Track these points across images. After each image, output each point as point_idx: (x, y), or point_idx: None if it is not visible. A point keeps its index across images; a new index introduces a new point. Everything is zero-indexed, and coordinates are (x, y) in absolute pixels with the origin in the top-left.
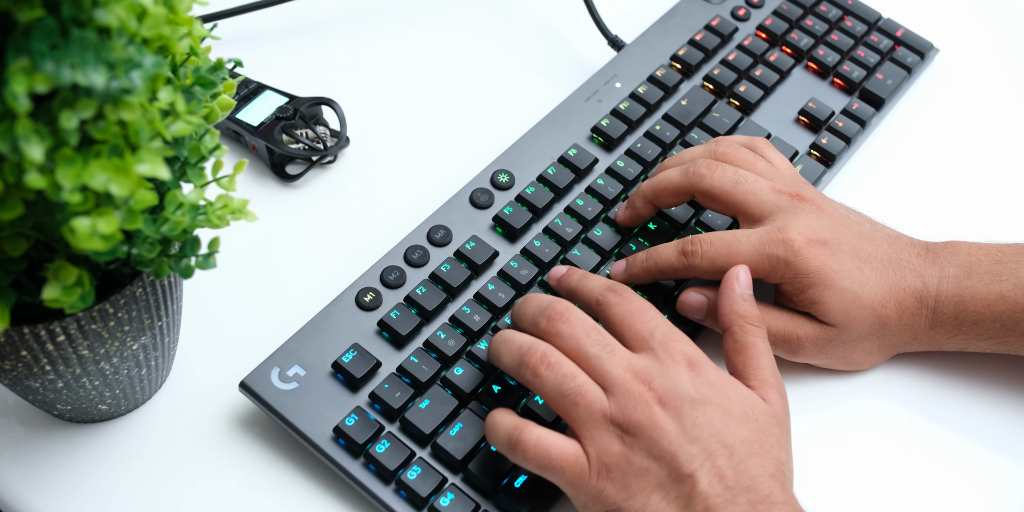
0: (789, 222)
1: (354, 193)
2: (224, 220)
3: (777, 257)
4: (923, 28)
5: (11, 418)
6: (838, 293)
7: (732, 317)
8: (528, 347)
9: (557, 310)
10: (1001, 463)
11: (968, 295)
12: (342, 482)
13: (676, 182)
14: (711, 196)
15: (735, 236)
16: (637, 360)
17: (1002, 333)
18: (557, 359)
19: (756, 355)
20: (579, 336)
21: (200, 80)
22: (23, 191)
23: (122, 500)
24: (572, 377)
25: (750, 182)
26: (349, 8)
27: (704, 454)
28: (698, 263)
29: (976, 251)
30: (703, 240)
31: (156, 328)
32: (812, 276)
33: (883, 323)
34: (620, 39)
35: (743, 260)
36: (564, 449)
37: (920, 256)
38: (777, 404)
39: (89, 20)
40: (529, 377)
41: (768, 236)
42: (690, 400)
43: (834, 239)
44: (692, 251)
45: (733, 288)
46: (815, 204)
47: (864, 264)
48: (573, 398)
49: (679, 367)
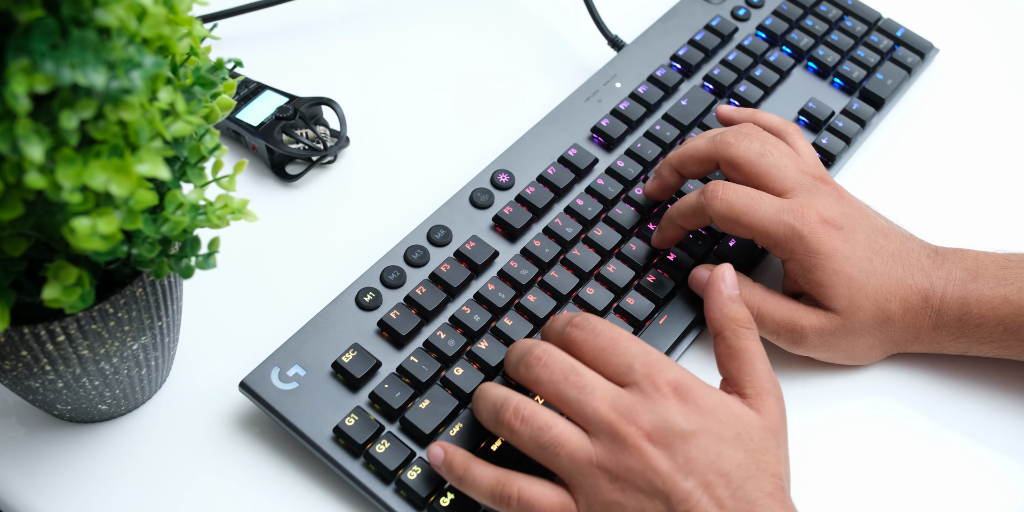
0: (810, 200)
1: (354, 193)
2: (224, 220)
3: (793, 227)
4: (923, 28)
5: (11, 418)
6: (844, 279)
7: (723, 321)
8: (502, 402)
9: (535, 355)
10: (1002, 464)
11: (973, 298)
12: (342, 482)
13: (703, 149)
14: (735, 165)
15: (759, 194)
16: (621, 398)
17: (1005, 337)
18: (531, 412)
19: (751, 360)
20: (557, 380)
21: (200, 80)
22: (23, 191)
23: (122, 500)
24: (548, 428)
25: (776, 156)
26: (349, 8)
27: (701, 487)
28: (715, 204)
29: (983, 258)
30: (727, 185)
31: (156, 328)
32: (822, 256)
33: (886, 317)
34: (620, 39)
35: (760, 217)
36: (548, 498)
37: (929, 257)
38: (773, 413)
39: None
40: (506, 434)
41: (789, 206)
42: (680, 434)
43: (850, 226)
44: (712, 190)
45: (720, 290)
46: (836, 189)
47: (875, 255)
48: (553, 450)
49: (666, 400)
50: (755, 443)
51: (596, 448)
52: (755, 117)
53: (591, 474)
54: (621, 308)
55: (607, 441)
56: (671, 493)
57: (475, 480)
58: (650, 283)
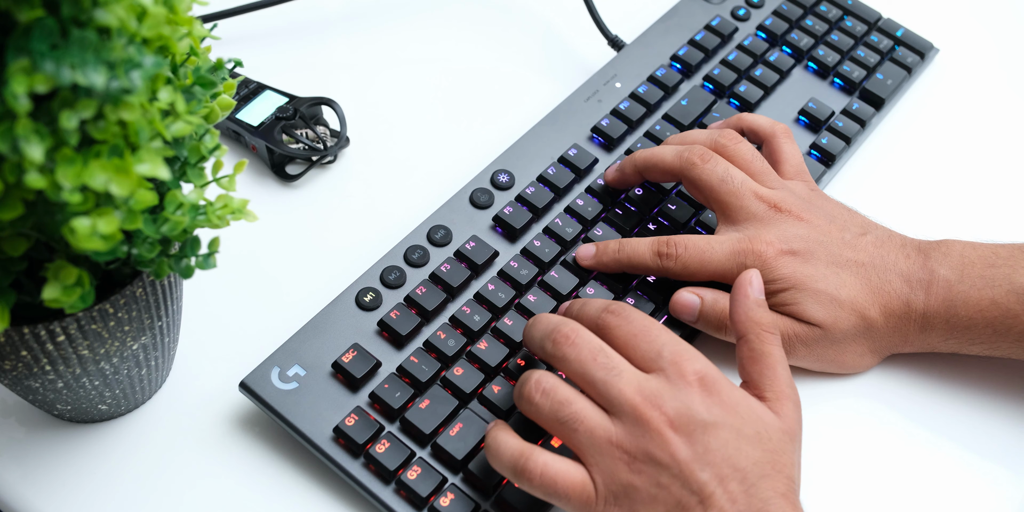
0: (760, 232)
1: (354, 193)
2: (224, 220)
3: (745, 265)
4: (923, 28)
5: (11, 418)
6: (812, 294)
7: (748, 324)
8: (523, 376)
9: (563, 333)
10: (995, 467)
11: (960, 300)
12: (342, 482)
13: (668, 162)
14: (696, 186)
15: (709, 243)
16: (647, 382)
17: (994, 338)
18: (552, 385)
19: (773, 365)
20: (584, 360)
21: (200, 80)
22: (23, 191)
23: (122, 500)
24: (568, 403)
25: (736, 183)
26: (349, 8)
27: (716, 479)
28: (671, 267)
29: (970, 252)
30: (678, 244)
31: (156, 328)
32: (781, 281)
33: (869, 325)
34: (620, 39)
35: (715, 267)
36: (571, 476)
37: (910, 258)
38: (791, 418)
39: (89, 20)
40: (525, 406)
41: (739, 245)
42: (702, 424)
43: (806, 249)
44: (667, 254)
45: (747, 294)
46: (793, 215)
47: (841, 269)
48: (572, 425)
49: (691, 388)
50: (773, 443)
51: (617, 428)
52: (740, 121)
53: (609, 453)
54: None
55: (629, 423)
56: (686, 482)
57: (499, 448)
58: (650, 283)
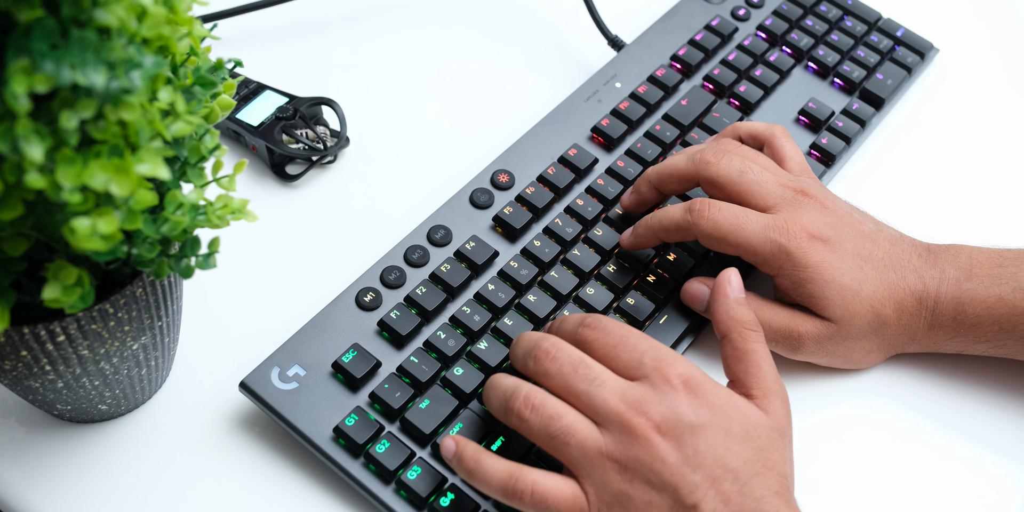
0: (793, 215)
1: (354, 193)
2: (224, 220)
3: (779, 244)
4: (923, 28)
5: (11, 418)
6: (837, 288)
7: (730, 323)
8: (512, 391)
9: (543, 349)
10: (1000, 464)
11: (967, 297)
12: (342, 482)
13: (682, 168)
14: (716, 184)
15: (745, 212)
16: (631, 390)
17: (1000, 336)
18: (541, 400)
19: (757, 362)
20: (566, 373)
21: (200, 80)
22: (23, 191)
23: (122, 500)
24: (558, 417)
25: (756, 173)
26: (349, 8)
27: (708, 481)
28: (702, 224)
29: (977, 254)
30: (713, 204)
31: (156, 328)
32: (811, 270)
33: (882, 322)
34: (620, 39)
35: (747, 235)
36: (560, 491)
37: (921, 257)
38: (779, 414)
39: (89, 20)
40: (515, 422)
41: (774, 222)
42: (690, 426)
43: (836, 237)
44: (699, 209)
45: (727, 293)
46: (819, 201)
47: (864, 262)
48: (563, 438)
49: (676, 392)
50: (762, 441)
51: (606, 439)
52: (737, 130)
53: (600, 464)
54: (621, 308)
55: (616, 432)
56: (679, 485)
57: (486, 473)
58: (650, 283)
